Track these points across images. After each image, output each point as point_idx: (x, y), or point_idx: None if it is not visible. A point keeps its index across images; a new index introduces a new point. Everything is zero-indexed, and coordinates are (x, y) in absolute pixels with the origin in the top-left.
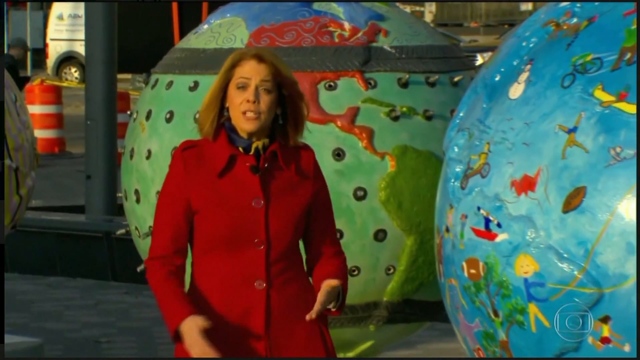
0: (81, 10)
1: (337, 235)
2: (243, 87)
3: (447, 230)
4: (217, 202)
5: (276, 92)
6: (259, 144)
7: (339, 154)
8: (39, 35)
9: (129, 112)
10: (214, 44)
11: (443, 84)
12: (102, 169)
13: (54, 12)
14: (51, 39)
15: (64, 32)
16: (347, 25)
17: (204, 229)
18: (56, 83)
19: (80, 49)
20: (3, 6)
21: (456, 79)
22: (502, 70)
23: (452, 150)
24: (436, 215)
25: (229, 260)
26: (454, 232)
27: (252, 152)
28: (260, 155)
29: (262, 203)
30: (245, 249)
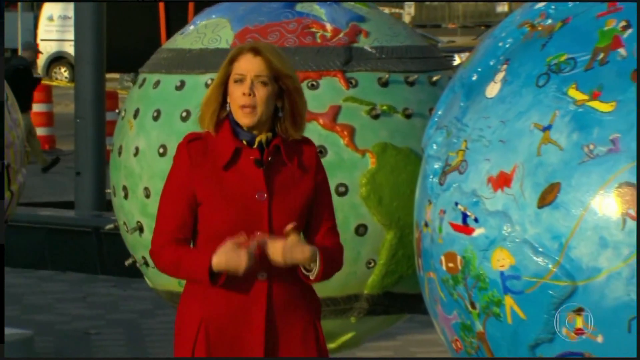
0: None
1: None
2: (240, 81)
3: (426, 225)
4: (222, 194)
5: (273, 84)
6: (262, 137)
7: (321, 151)
8: (29, 36)
9: (117, 111)
10: (199, 45)
11: (422, 84)
12: (91, 165)
13: (44, 14)
14: (41, 40)
15: (54, 32)
16: (328, 27)
17: (207, 220)
18: (46, 82)
19: (69, 49)
20: (2, 6)
21: (434, 79)
22: (479, 70)
23: (431, 147)
24: (415, 211)
25: None
26: (433, 227)
27: (255, 146)
28: (264, 148)
29: (266, 196)
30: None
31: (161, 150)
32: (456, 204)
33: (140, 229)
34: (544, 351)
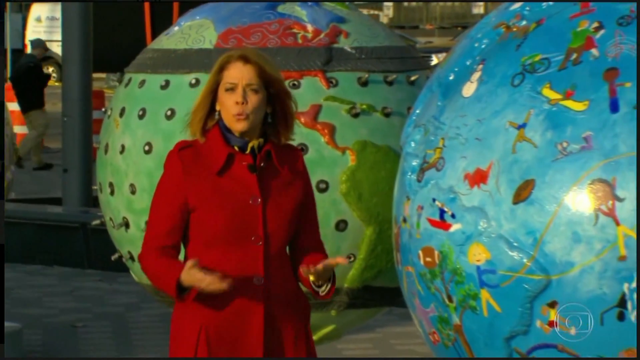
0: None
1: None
2: (232, 89)
3: (404, 220)
4: (217, 199)
5: (264, 91)
6: (254, 143)
7: (302, 149)
8: (18, 37)
9: (103, 109)
10: (184, 45)
11: (400, 83)
12: (79, 163)
13: (32, 15)
14: (30, 40)
15: (42, 33)
16: (309, 27)
17: (203, 226)
18: None
19: (57, 49)
20: (3, 6)
21: (413, 78)
22: (456, 69)
23: (409, 145)
24: (394, 207)
25: (228, 256)
26: (411, 223)
27: (248, 152)
28: (256, 154)
29: (259, 201)
30: (244, 245)
31: (146, 148)
32: (434, 200)
33: (126, 224)
34: (518, 343)
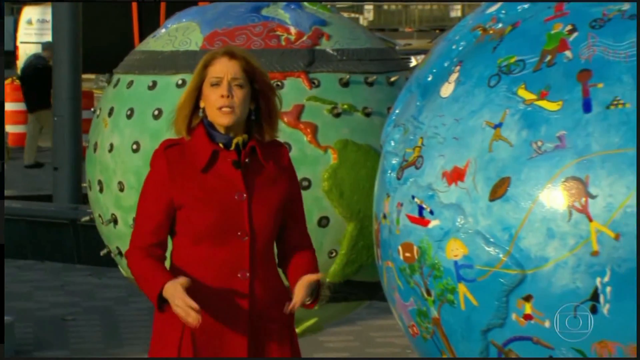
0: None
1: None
2: (217, 84)
3: (385, 217)
4: (202, 196)
5: (249, 86)
6: (239, 139)
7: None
8: (9, 39)
9: (92, 109)
10: (170, 47)
11: (380, 84)
12: (69, 161)
13: (23, 18)
14: (21, 42)
15: (33, 35)
16: (293, 30)
17: (189, 223)
18: None
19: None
20: (2, 6)
21: (392, 79)
22: (434, 71)
23: (389, 144)
24: (374, 204)
25: (215, 252)
26: (391, 219)
27: (232, 148)
28: (240, 150)
29: (245, 196)
30: (230, 241)
31: (134, 147)
32: (413, 197)
33: (115, 221)
34: (495, 336)
